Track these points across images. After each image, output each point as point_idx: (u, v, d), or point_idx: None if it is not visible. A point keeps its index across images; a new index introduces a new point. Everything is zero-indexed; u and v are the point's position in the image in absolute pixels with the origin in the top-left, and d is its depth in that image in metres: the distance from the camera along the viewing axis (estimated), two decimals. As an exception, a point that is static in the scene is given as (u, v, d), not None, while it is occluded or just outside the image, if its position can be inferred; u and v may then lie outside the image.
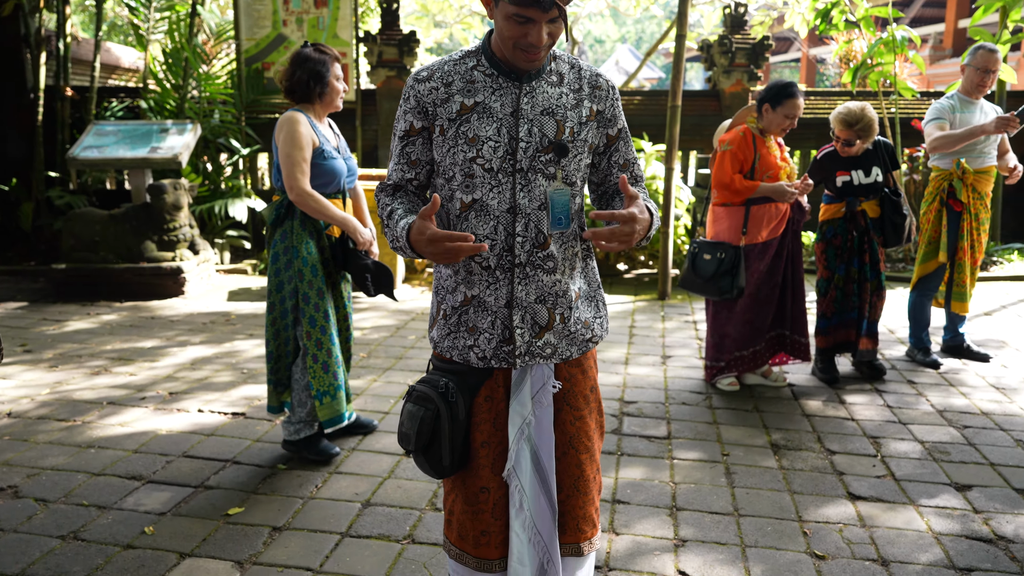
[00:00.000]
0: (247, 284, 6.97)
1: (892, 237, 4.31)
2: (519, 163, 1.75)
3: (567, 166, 1.78)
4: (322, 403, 3.23)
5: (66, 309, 5.98)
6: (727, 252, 4.00)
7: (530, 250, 1.78)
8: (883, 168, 4.28)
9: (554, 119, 1.77)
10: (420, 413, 1.83)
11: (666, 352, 4.97)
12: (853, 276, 4.37)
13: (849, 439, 3.61)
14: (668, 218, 6.38)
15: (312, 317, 3.22)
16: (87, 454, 3.38)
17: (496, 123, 1.74)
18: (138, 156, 6.48)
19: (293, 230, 3.21)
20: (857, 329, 4.43)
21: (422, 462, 1.88)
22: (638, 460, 3.37)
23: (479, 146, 1.74)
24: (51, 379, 4.35)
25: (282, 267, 3.23)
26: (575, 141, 1.79)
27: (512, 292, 1.79)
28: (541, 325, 1.82)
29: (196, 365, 4.63)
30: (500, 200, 1.75)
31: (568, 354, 1.87)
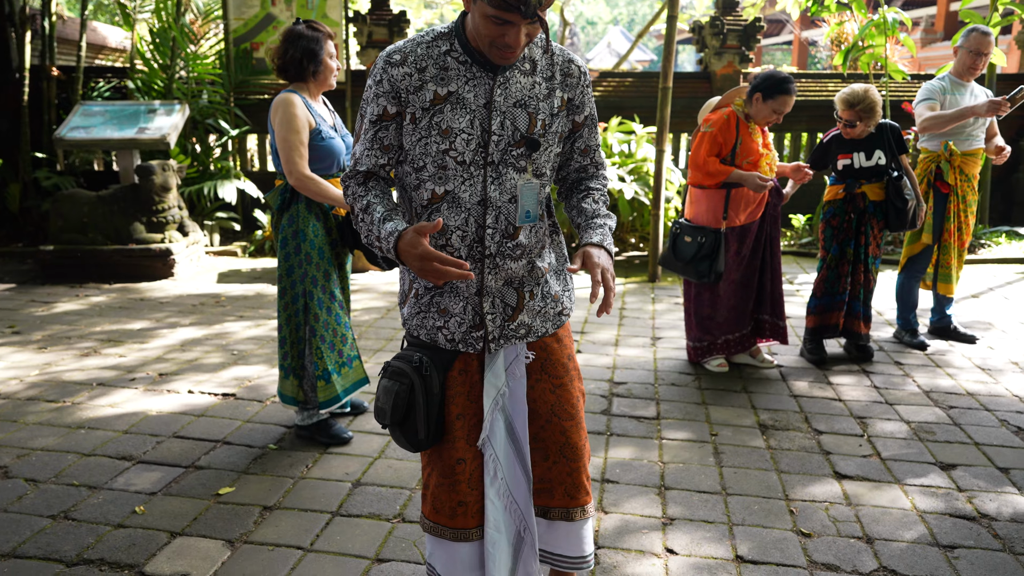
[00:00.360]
0: (237, 266, 6.94)
1: (894, 221, 4.30)
2: (491, 156, 1.75)
3: (537, 159, 1.79)
4: (328, 382, 3.23)
5: (55, 291, 5.95)
6: (707, 236, 4.02)
7: (500, 241, 1.79)
8: (888, 151, 4.26)
9: (526, 111, 1.75)
10: (395, 388, 1.84)
11: (656, 334, 4.99)
12: (848, 257, 4.39)
13: (836, 419, 3.65)
14: (659, 200, 6.39)
15: (319, 299, 3.21)
16: (77, 435, 3.38)
17: (469, 115, 1.73)
18: (126, 137, 6.43)
19: (299, 213, 3.19)
20: (849, 312, 4.45)
21: (398, 436, 1.90)
22: (627, 440, 3.40)
23: (452, 138, 1.72)
24: (40, 360, 4.33)
25: (291, 251, 3.22)
26: (546, 134, 1.79)
27: (482, 281, 1.82)
28: (512, 307, 1.85)
29: (186, 347, 4.62)
30: (472, 193, 1.76)
31: (543, 331, 1.90)
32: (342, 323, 3.28)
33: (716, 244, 4.01)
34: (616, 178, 6.98)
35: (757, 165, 3.98)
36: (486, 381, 1.86)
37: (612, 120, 7.66)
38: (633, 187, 6.93)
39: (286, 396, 3.31)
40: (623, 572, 2.45)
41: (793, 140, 8.59)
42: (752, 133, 4.00)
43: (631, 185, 6.95)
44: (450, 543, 1.93)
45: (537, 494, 1.94)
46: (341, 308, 3.29)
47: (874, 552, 2.58)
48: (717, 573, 2.45)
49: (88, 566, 2.43)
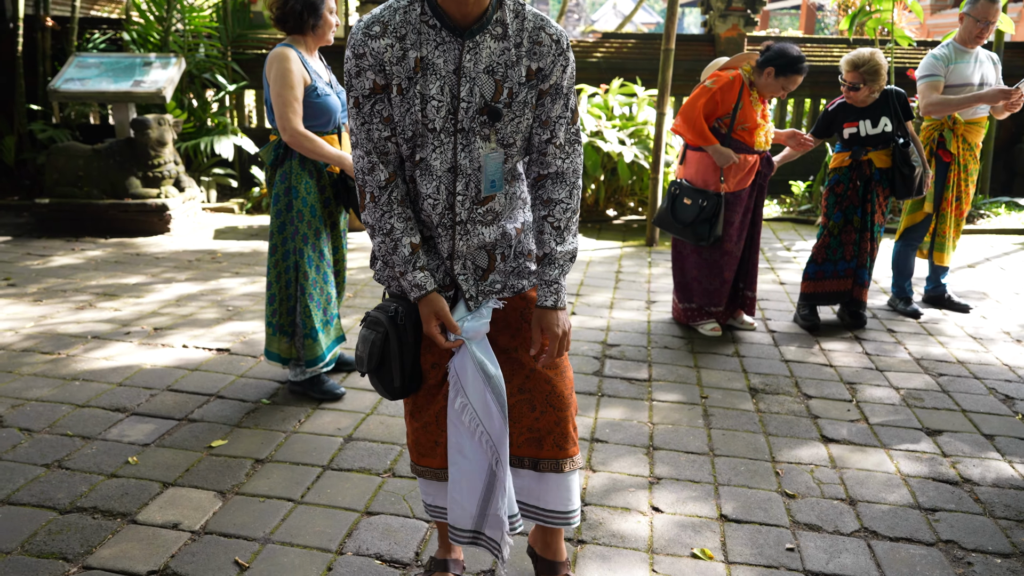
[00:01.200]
0: (233, 223, 6.92)
1: (900, 188, 4.28)
2: (460, 123, 1.73)
3: (502, 129, 1.76)
4: (315, 341, 3.24)
5: (50, 244, 5.94)
6: (709, 199, 3.98)
7: (470, 207, 1.80)
8: (894, 118, 4.23)
9: (494, 79, 1.72)
10: (371, 336, 1.87)
11: (651, 297, 5.00)
12: (855, 226, 4.36)
13: (826, 384, 3.67)
14: (659, 164, 6.35)
15: (309, 257, 3.20)
16: (71, 386, 3.40)
17: (440, 81, 1.70)
18: (121, 90, 6.36)
19: (292, 170, 3.16)
20: (855, 280, 4.43)
21: (376, 383, 1.93)
22: (618, 401, 3.42)
23: (424, 105, 1.71)
24: (36, 313, 4.35)
25: (283, 208, 3.20)
26: (512, 104, 1.74)
27: (453, 246, 1.83)
28: (483, 268, 1.88)
29: (181, 302, 4.63)
30: (442, 160, 1.75)
31: (519, 287, 1.92)
32: (328, 281, 3.29)
33: (717, 207, 3.98)
34: (616, 141, 6.92)
35: (753, 134, 3.95)
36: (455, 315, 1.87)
37: (614, 82, 7.58)
38: (633, 150, 6.88)
39: (272, 353, 3.32)
40: (608, 528, 2.49)
41: (796, 106, 8.51)
42: (753, 102, 3.96)
43: (631, 148, 6.90)
44: (436, 484, 2.01)
45: (527, 444, 1.96)
46: (329, 267, 3.29)
47: (856, 513, 2.62)
48: (701, 531, 2.49)
49: (81, 514, 2.47)
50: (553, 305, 1.86)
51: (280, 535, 2.40)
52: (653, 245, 6.44)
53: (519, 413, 1.93)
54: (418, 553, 2.34)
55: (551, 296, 1.86)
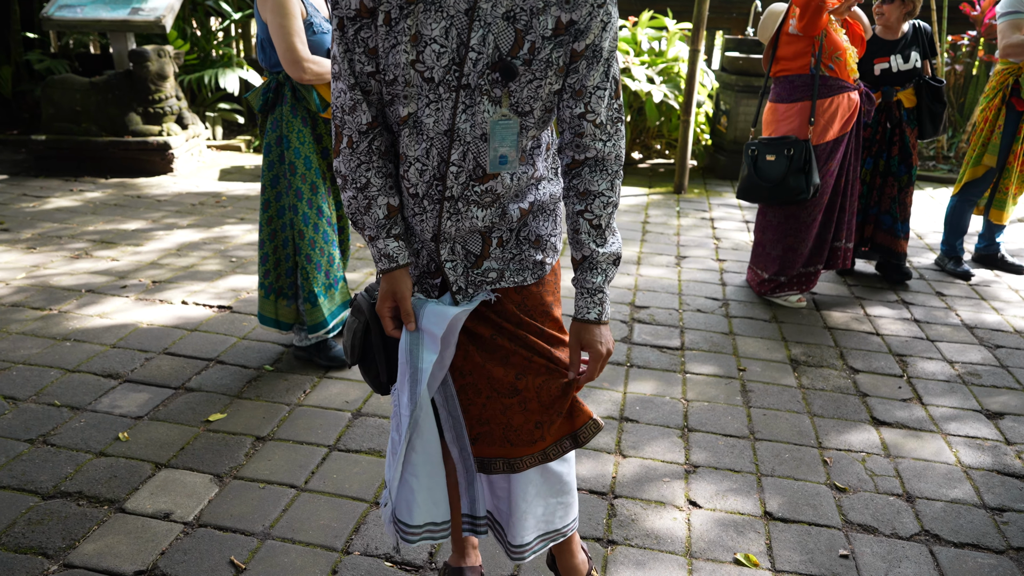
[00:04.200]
0: (240, 162, 6.61)
1: (929, 127, 4.05)
2: (466, 77, 1.37)
3: (516, 92, 1.39)
4: (314, 305, 2.98)
5: (48, 184, 5.66)
6: (795, 147, 3.54)
7: (465, 183, 1.44)
8: (921, 54, 3.97)
9: (514, 27, 1.36)
10: (354, 324, 1.62)
11: (681, 252, 4.69)
12: (880, 170, 4.12)
13: (873, 356, 3.39)
14: (690, 105, 5.93)
15: (305, 214, 2.90)
16: (62, 347, 3.17)
17: (446, 21, 1.34)
18: (117, 18, 5.96)
19: (283, 117, 2.85)
20: (880, 226, 4.18)
21: (364, 375, 1.68)
22: (649, 373, 3.16)
23: (421, 47, 1.36)
24: (28, 262, 4.10)
25: (275, 159, 2.89)
26: (532, 61, 1.38)
27: (439, 226, 1.49)
28: (476, 254, 1.53)
29: (182, 251, 4.36)
30: (438, 119, 1.40)
31: (520, 279, 1.57)
32: (329, 241, 2.98)
33: (807, 153, 3.53)
34: (644, 79, 6.49)
35: (845, 64, 3.56)
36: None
37: (643, 14, 7.08)
38: (663, 89, 6.46)
39: (265, 318, 3.06)
40: (642, 527, 2.26)
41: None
42: (834, 27, 3.56)
43: (660, 87, 6.47)
44: None
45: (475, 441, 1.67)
46: (329, 224, 2.98)
47: (915, 512, 2.37)
48: (744, 531, 2.25)
49: (65, 499, 2.26)
50: (597, 319, 1.55)
51: (281, 529, 2.18)
52: (682, 192, 6.08)
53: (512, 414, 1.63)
54: (432, 554, 2.12)
55: (594, 308, 1.55)
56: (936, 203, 6.03)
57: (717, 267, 4.44)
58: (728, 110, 6.59)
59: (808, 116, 3.58)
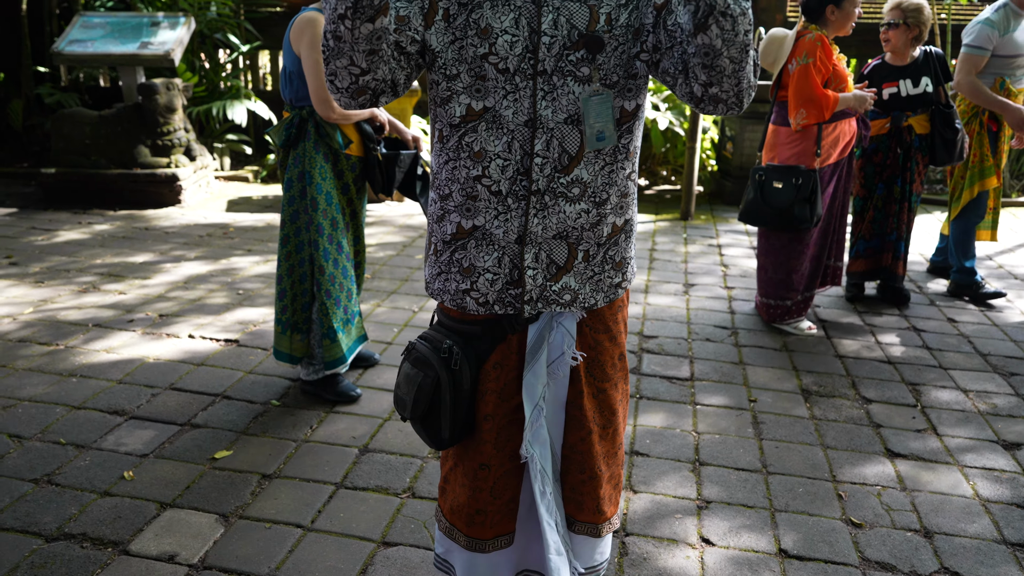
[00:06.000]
0: (247, 193, 6.63)
1: (943, 153, 4.02)
2: (541, 63, 1.39)
3: (605, 63, 1.40)
4: (333, 341, 2.96)
5: (57, 217, 5.69)
6: (803, 177, 3.54)
7: (551, 174, 1.43)
8: (933, 80, 3.96)
9: (586, 5, 1.38)
10: (418, 379, 1.57)
11: (689, 280, 4.66)
12: (895, 196, 4.11)
13: (886, 385, 3.35)
14: (696, 132, 5.94)
15: (326, 249, 2.90)
16: (68, 383, 3.16)
17: (514, 12, 1.37)
18: (127, 52, 6.04)
19: (306, 153, 2.85)
20: (894, 252, 4.19)
21: (419, 430, 1.64)
22: (659, 405, 3.13)
23: (492, 40, 1.38)
24: (36, 296, 4.11)
25: (296, 195, 2.89)
26: (613, 29, 1.39)
27: (526, 225, 1.46)
28: (559, 265, 1.50)
29: (190, 284, 4.37)
30: (517, 110, 1.40)
31: (592, 301, 1.55)
32: (348, 276, 2.98)
33: (814, 184, 3.54)
34: (650, 105, 6.51)
35: (847, 90, 3.58)
36: (526, 381, 1.56)
37: (647, 42, 7.12)
38: (668, 116, 6.48)
39: (281, 353, 3.04)
40: (654, 565, 2.21)
41: (840, 66, 8.00)
42: (838, 57, 3.58)
43: (665, 114, 6.49)
44: (463, 550, 1.70)
45: (566, 502, 1.68)
46: (348, 260, 2.98)
47: (934, 549, 2.32)
48: (758, 570, 2.21)
49: (68, 542, 2.23)
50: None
51: (287, 571, 2.14)
52: (689, 219, 6.07)
53: (563, 469, 1.63)
54: (440, 596, 2.08)
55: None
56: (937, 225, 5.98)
57: (725, 295, 4.42)
58: (733, 136, 6.60)
59: (811, 141, 3.58)
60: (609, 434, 1.65)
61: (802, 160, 3.61)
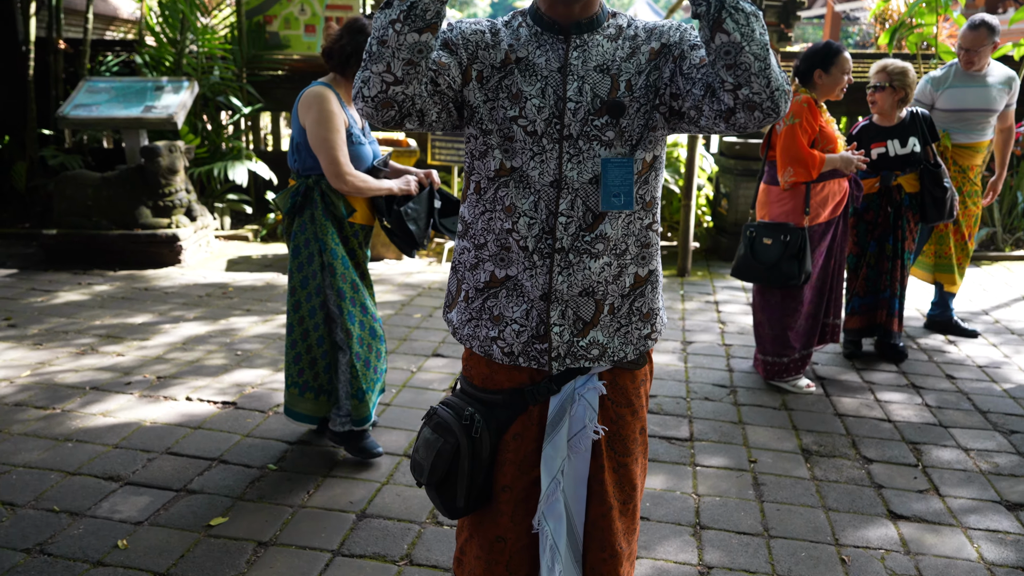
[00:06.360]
0: (247, 252, 6.68)
1: (932, 212, 4.12)
2: (567, 128, 1.46)
3: (628, 127, 1.48)
4: (361, 401, 2.96)
5: (57, 278, 5.72)
6: (792, 234, 3.60)
7: (575, 233, 1.49)
8: (921, 140, 4.05)
9: (608, 75, 1.47)
10: (438, 444, 1.57)
11: (687, 338, 4.67)
12: (887, 253, 4.17)
13: (887, 445, 3.33)
14: (691, 189, 6.03)
15: (350, 313, 2.92)
16: (64, 448, 3.14)
17: (541, 81, 1.47)
18: (131, 116, 6.15)
19: (315, 219, 2.88)
20: (889, 309, 4.22)
21: (434, 497, 1.63)
22: (659, 467, 3.10)
23: (522, 103, 1.46)
24: (34, 359, 4.10)
25: (305, 261, 2.92)
26: (633, 94, 1.48)
27: (550, 283, 1.50)
28: (585, 320, 1.53)
29: (188, 345, 4.37)
30: (543, 171, 1.47)
31: (621, 355, 1.57)
32: (376, 336, 3.01)
33: (802, 241, 3.60)
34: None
35: (836, 151, 3.65)
36: (545, 454, 1.56)
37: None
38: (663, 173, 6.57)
39: (299, 414, 3.04)
40: (656, 636, 2.17)
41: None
42: (827, 118, 3.67)
43: (660, 172, 6.59)
44: None
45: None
46: (374, 320, 3.02)
47: (940, 616, 2.28)
48: (762, 640, 2.17)
49: (60, 615, 2.19)
50: None
51: (282, 645, 2.10)
52: (685, 275, 6.11)
53: (585, 547, 1.62)
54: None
55: None
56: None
57: (723, 352, 4.42)
58: (728, 193, 6.69)
59: (801, 200, 3.64)
60: (629, 510, 1.64)
61: (791, 218, 3.66)
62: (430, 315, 5.00)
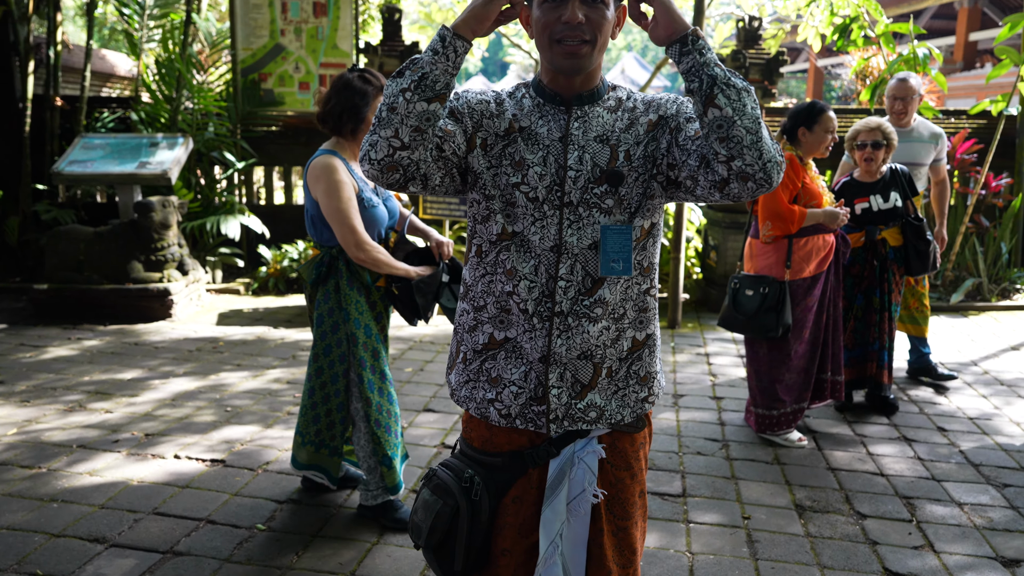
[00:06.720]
0: (239, 305, 6.68)
1: (916, 264, 4.21)
2: (568, 195, 1.51)
3: (627, 195, 1.52)
4: (390, 468, 2.93)
5: (46, 333, 5.69)
6: (771, 287, 3.67)
7: (575, 297, 1.52)
8: (901, 195, 4.16)
9: (608, 145, 1.53)
10: (437, 506, 1.58)
11: (678, 391, 4.67)
12: (875, 306, 4.22)
13: (880, 499, 3.32)
14: (679, 241, 6.09)
15: (370, 381, 2.92)
16: (49, 509, 3.09)
17: (542, 150, 1.52)
18: (125, 172, 6.21)
19: (340, 289, 2.88)
20: (878, 361, 4.24)
21: (431, 559, 1.63)
22: (652, 524, 3.07)
23: (525, 170, 1.51)
24: (21, 416, 4.06)
25: (328, 330, 2.92)
26: (632, 163, 1.53)
27: (549, 346, 1.52)
28: (583, 383, 1.55)
29: (177, 401, 4.34)
30: (543, 236, 1.51)
31: (619, 417, 1.59)
32: (394, 401, 3.01)
33: (780, 294, 3.67)
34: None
35: (820, 207, 3.72)
36: (544, 517, 1.56)
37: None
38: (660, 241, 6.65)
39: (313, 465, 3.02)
40: None
41: (816, 176, 8.29)
42: (811, 175, 3.75)
43: (649, 225, 6.67)
44: None
45: None
46: (392, 385, 3.01)
47: (939, 678, 2.24)
48: None
49: None
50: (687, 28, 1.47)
51: None
52: (676, 327, 6.13)
53: None
54: None
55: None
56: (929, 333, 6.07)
57: (715, 405, 4.42)
58: (717, 245, 6.77)
59: (783, 254, 3.70)
60: (629, 575, 1.63)
61: (773, 271, 3.73)
62: (421, 369, 4.99)
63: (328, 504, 3.17)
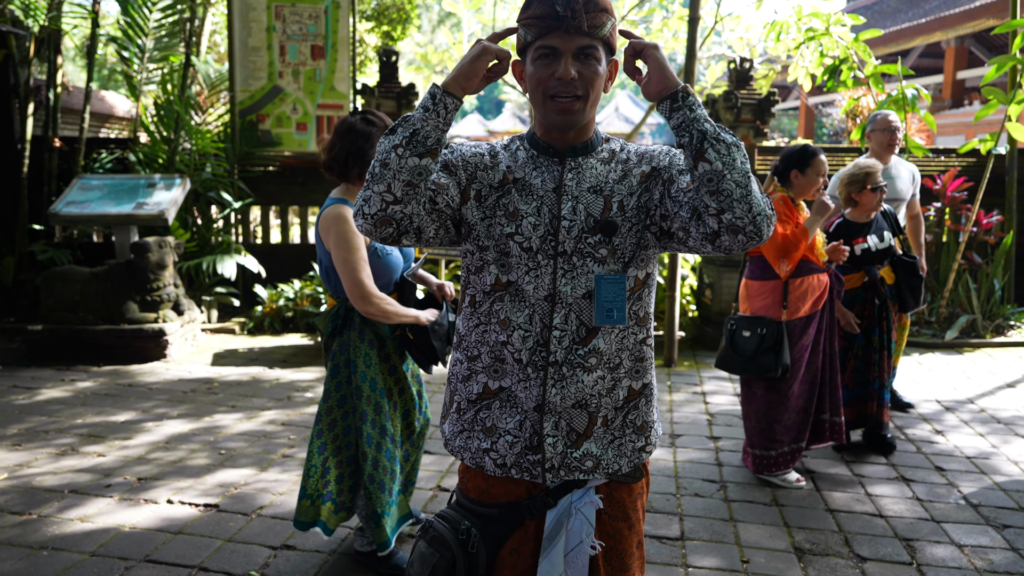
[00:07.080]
0: (234, 345, 6.66)
1: (910, 300, 4.27)
2: (561, 245, 1.52)
3: (621, 245, 1.54)
4: (377, 525, 2.87)
5: (40, 374, 5.66)
6: (768, 327, 3.68)
7: (569, 346, 1.52)
8: (892, 234, 4.24)
9: (601, 196, 1.55)
10: (433, 559, 1.56)
11: (674, 431, 4.65)
12: (875, 344, 4.24)
13: (880, 542, 3.29)
14: (674, 280, 6.12)
15: (369, 435, 2.87)
16: (38, 557, 3.04)
17: (537, 200, 1.54)
18: (122, 212, 6.24)
19: (351, 342, 2.86)
20: (879, 400, 4.25)
21: None
22: (650, 569, 3.04)
23: (519, 221, 1.53)
24: (13, 460, 4.02)
25: (343, 380, 2.90)
26: (625, 214, 1.54)
27: (544, 395, 1.52)
28: (579, 432, 1.55)
29: (171, 444, 4.30)
30: (537, 285, 1.52)
31: (616, 467, 1.58)
32: (392, 458, 2.92)
33: (778, 335, 3.67)
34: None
35: (815, 249, 3.75)
36: (541, 568, 1.55)
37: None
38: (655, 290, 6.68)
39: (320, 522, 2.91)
40: None
41: (809, 214, 8.36)
42: (804, 216, 3.78)
43: (644, 263, 6.70)
44: None
45: None
46: (392, 442, 2.93)
47: None
48: None
49: None
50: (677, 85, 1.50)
51: None
52: (672, 365, 6.13)
53: None
54: None
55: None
56: (924, 369, 6.08)
57: (712, 446, 4.40)
58: (712, 283, 6.79)
59: (779, 295, 3.72)
60: None
61: (770, 312, 3.75)
62: (417, 410, 4.96)
63: (322, 550, 3.14)
